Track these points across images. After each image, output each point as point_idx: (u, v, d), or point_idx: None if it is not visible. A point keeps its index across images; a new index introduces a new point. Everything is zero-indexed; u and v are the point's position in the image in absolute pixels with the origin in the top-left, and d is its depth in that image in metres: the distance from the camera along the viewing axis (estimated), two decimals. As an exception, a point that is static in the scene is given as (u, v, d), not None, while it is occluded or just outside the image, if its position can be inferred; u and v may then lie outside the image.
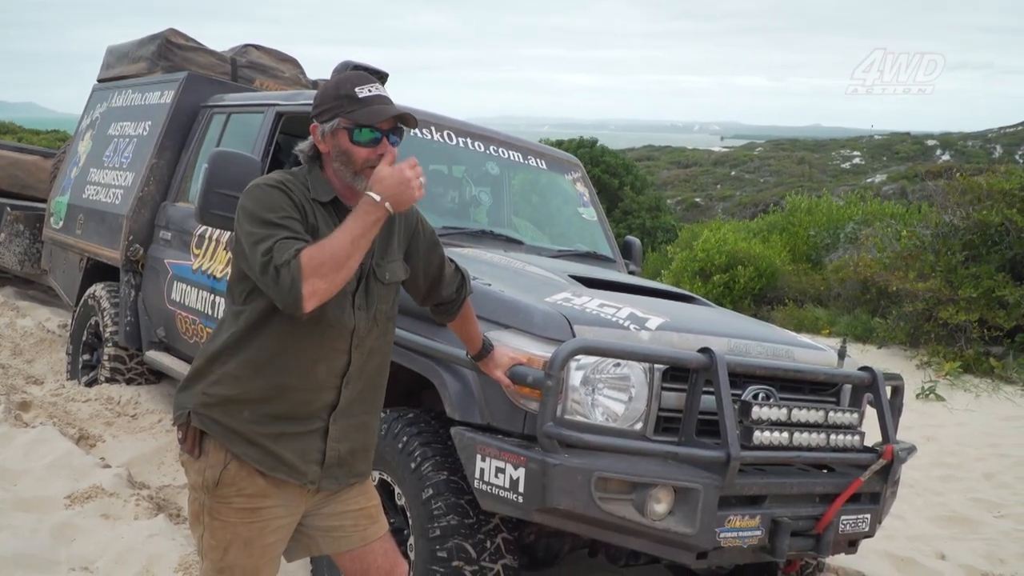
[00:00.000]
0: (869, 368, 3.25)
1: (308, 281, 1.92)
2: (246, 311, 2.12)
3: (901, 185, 28.17)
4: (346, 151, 2.15)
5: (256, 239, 1.99)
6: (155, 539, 3.64)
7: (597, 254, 4.94)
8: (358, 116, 2.13)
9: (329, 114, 2.15)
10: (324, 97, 2.18)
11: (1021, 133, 52.11)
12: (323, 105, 2.17)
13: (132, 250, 5.52)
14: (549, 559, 3.41)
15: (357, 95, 2.14)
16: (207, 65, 6.03)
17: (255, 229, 2.00)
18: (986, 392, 8.55)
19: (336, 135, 2.15)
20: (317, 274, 1.93)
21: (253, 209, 2.04)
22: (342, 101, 2.14)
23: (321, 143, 2.18)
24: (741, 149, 61.57)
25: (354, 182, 2.16)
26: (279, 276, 1.92)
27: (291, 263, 1.92)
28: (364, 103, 2.14)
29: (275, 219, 2.02)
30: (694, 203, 38.49)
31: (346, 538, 2.34)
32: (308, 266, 1.92)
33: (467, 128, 4.77)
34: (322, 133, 2.17)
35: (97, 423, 5.23)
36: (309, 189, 2.15)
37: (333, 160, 2.17)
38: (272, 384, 2.11)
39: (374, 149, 2.15)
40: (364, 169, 2.15)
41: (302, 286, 1.91)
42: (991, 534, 5.13)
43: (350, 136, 2.14)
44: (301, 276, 1.91)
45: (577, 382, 2.76)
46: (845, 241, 13.13)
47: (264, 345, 2.11)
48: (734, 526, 2.78)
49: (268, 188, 2.09)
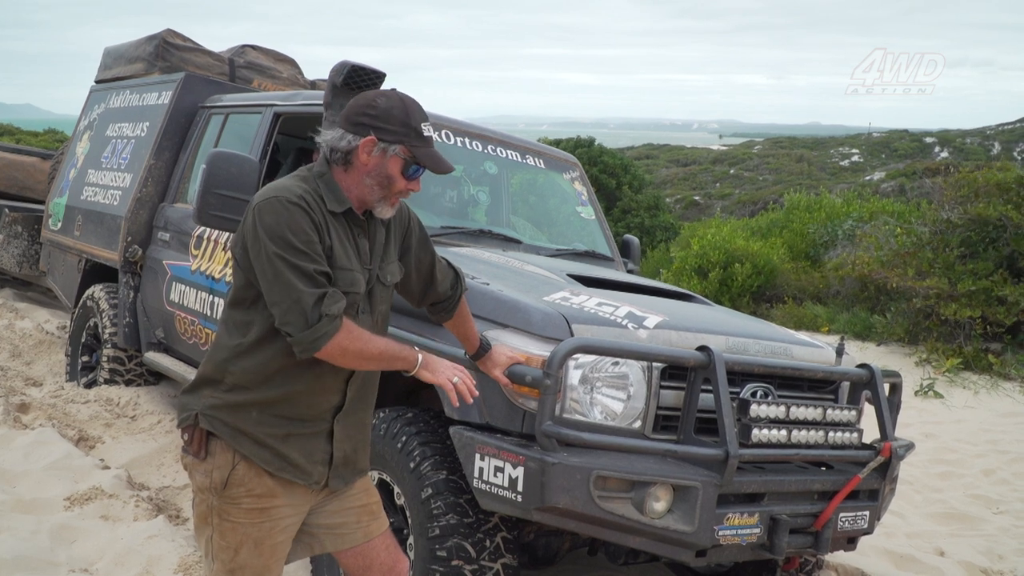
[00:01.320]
0: (867, 365, 3.26)
1: (334, 344, 2.04)
2: (256, 322, 2.12)
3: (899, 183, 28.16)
4: (391, 177, 2.17)
5: (292, 268, 2.01)
6: (155, 540, 3.64)
7: (595, 253, 4.94)
8: (422, 156, 2.18)
9: (393, 137, 2.14)
10: (391, 118, 2.15)
11: (1019, 130, 52.16)
12: (389, 125, 2.14)
13: (131, 251, 5.51)
14: (549, 558, 3.42)
15: (423, 132, 2.18)
16: (205, 66, 6.03)
17: (291, 258, 2.02)
18: (985, 389, 8.55)
19: (390, 159, 2.16)
20: (342, 346, 2.06)
21: (279, 230, 2.03)
22: (410, 132, 2.16)
23: (366, 155, 2.16)
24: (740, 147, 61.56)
25: (377, 204, 2.20)
26: (319, 322, 2.01)
27: (335, 320, 2.03)
28: (427, 143, 2.18)
29: (304, 242, 2.04)
30: (693, 201, 38.48)
31: (349, 535, 2.36)
32: (344, 333, 2.05)
33: (465, 127, 4.77)
34: (379, 150, 2.15)
35: (96, 424, 5.23)
36: (323, 200, 2.13)
37: (367, 175, 2.17)
38: (281, 391, 2.13)
39: (412, 184, 2.21)
40: (393, 196, 2.20)
41: (328, 344, 2.04)
42: (990, 530, 5.13)
43: (403, 167, 2.17)
44: (335, 337, 2.04)
45: (575, 381, 2.77)
46: (843, 238, 13.13)
47: (274, 355, 2.12)
48: (733, 524, 2.78)
49: (290, 206, 2.05)
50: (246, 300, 2.14)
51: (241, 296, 2.16)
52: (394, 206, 2.23)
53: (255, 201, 2.09)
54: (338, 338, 2.03)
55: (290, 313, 2.01)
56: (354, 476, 2.34)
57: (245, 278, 2.13)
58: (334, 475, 2.26)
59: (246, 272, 2.11)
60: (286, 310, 2.01)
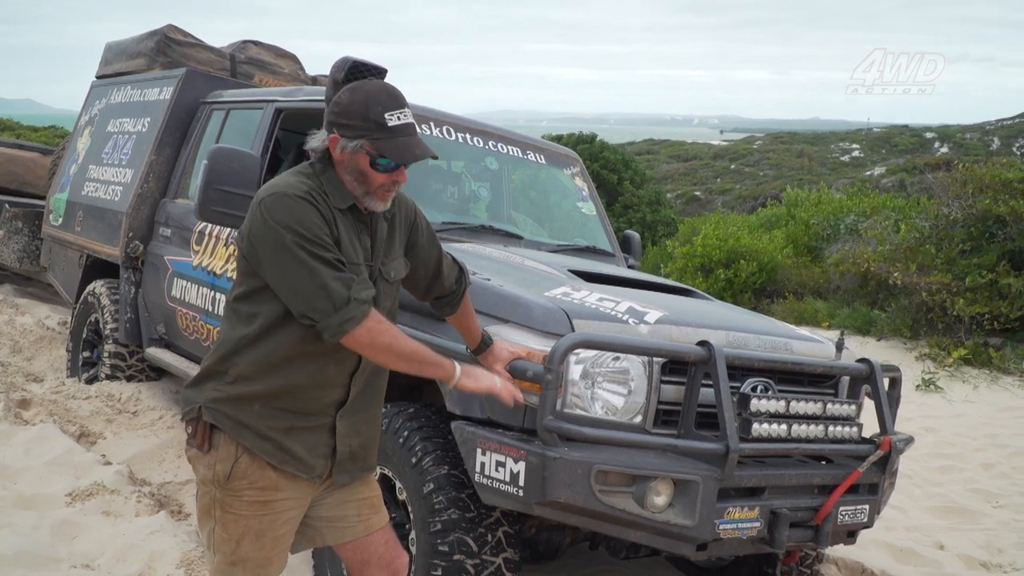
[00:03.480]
0: (867, 360, 3.26)
1: (363, 329, 2.03)
2: (261, 313, 2.12)
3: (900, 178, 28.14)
4: (364, 172, 2.12)
5: (313, 256, 2.00)
6: (156, 536, 3.65)
7: (596, 248, 4.94)
8: (385, 148, 2.10)
9: (353, 132, 2.10)
10: (351, 113, 2.10)
11: (1019, 125, 52.09)
12: (348, 120, 2.10)
13: (132, 247, 5.52)
14: (550, 552, 3.43)
15: (387, 123, 2.09)
16: (206, 61, 6.03)
17: (310, 247, 2.00)
18: (985, 383, 8.56)
19: (356, 155, 2.11)
20: (371, 334, 2.04)
21: (292, 223, 2.01)
22: (370, 125, 2.09)
23: (337, 153, 2.14)
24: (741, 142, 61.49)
25: (363, 199, 2.16)
26: (345, 306, 1.99)
27: (363, 305, 2.02)
28: (393, 133, 2.10)
29: (318, 236, 2.02)
30: (694, 197, 38.45)
31: (349, 528, 2.36)
32: (373, 321, 2.03)
33: (466, 123, 4.77)
34: (341, 148, 2.12)
35: (98, 420, 5.24)
36: (328, 195, 2.12)
37: (345, 172, 2.14)
38: (284, 383, 2.13)
39: (391, 175, 2.14)
40: (377, 191, 2.14)
41: (355, 328, 2.01)
42: (990, 524, 5.14)
43: (371, 162, 2.11)
44: (363, 321, 2.02)
45: (576, 376, 2.77)
46: (845, 233, 13.13)
47: (278, 347, 2.12)
48: (733, 518, 2.79)
49: (299, 201, 2.04)
50: (251, 293, 2.14)
51: (246, 289, 2.16)
52: (384, 199, 2.17)
53: (260, 197, 2.07)
54: (367, 324, 2.02)
55: (316, 298, 1.99)
56: (361, 472, 2.34)
57: (250, 272, 2.13)
58: (339, 470, 2.27)
59: (253, 267, 2.10)
60: (311, 296, 1.99)
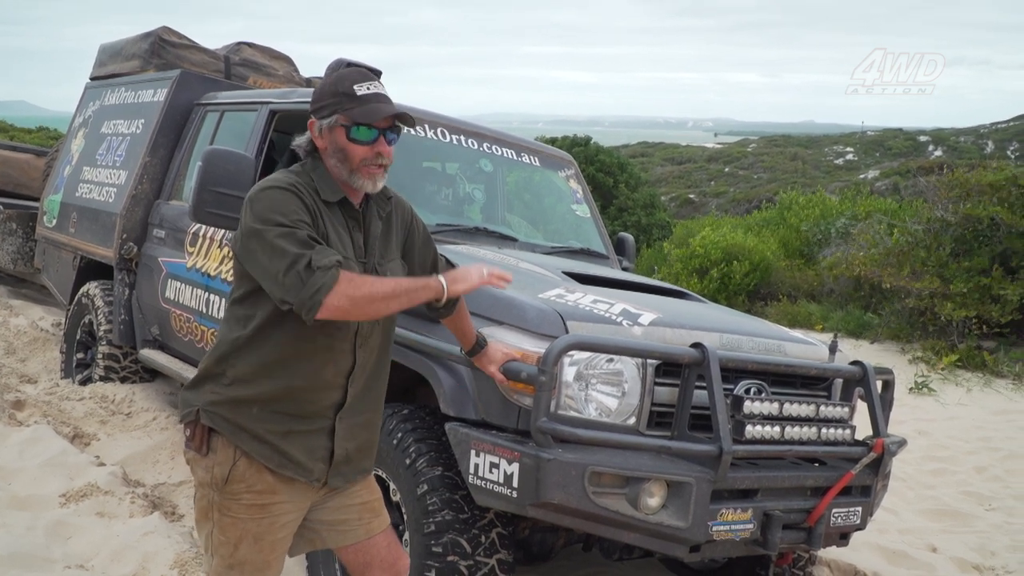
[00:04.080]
0: (860, 362, 3.27)
1: (336, 294, 1.95)
2: (256, 315, 2.13)
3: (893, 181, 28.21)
4: (343, 148, 2.16)
5: (282, 236, 1.98)
6: (150, 537, 3.64)
7: (590, 251, 4.95)
8: (356, 114, 2.14)
9: (327, 110, 2.16)
10: (322, 93, 2.18)
11: (1013, 128, 52.28)
12: (321, 101, 2.18)
13: (126, 248, 5.51)
14: (544, 553, 3.43)
15: (356, 92, 2.15)
16: (200, 63, 6.02)
17: (277, 228, 2.00)
18: (978, 386, 8.59)
19: (333, 132, 2.16)
20: (346, 294, 1.96)
21: (266, 212, 2.03)
22: (340, 98, 2.15)
23: (319, 139, 2.19)
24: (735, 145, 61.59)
25: (350, 179, 2.18)
26: (311, 277, 1.94)
27: (330, 271, 1.95)
28: (362, 101, 2.15)
29: (295, 221, 2.02)
30: (688, 199, 38.48)
31: (351, 531, 2.37)
32: (344, 282, 1.96)
33: (460, 125, 4.78)
34: (319, 129, 2.18)
35: (91, 421, 5.23)
36: (317, 190, 2.15)
37: (330, 156, 2.18)
38: (281, 385, 2.14)
39: (371, 147, 2.16)
40: (361, 167, 2.16)
41: (328, 296, 1.94)
42: (982, 527, 5.16)
43: (347, 134, 2.15)
44: (333, 287, 1.94)
45: (570, 378, 2.78)
46: (837, 237, 13.16)
47: (274, 348, 2.12)
48: (726, 519, 2.80)
49: (281, 191, 2.08)
50: (247, 295, 2.15)
51: (242, 292, 2.17)
52: (370, 177, 2.18)
53: (249, 195, 2.11)
54: (339, 288, 1.95)
55: (286, 280, 1.96)
56: (356, 475, 2.34)
57: (244, 273, 2.14)
58: (334, 473, 2.27)
59: (248, 264, 2.10)
60: (281, 280, 1.97)
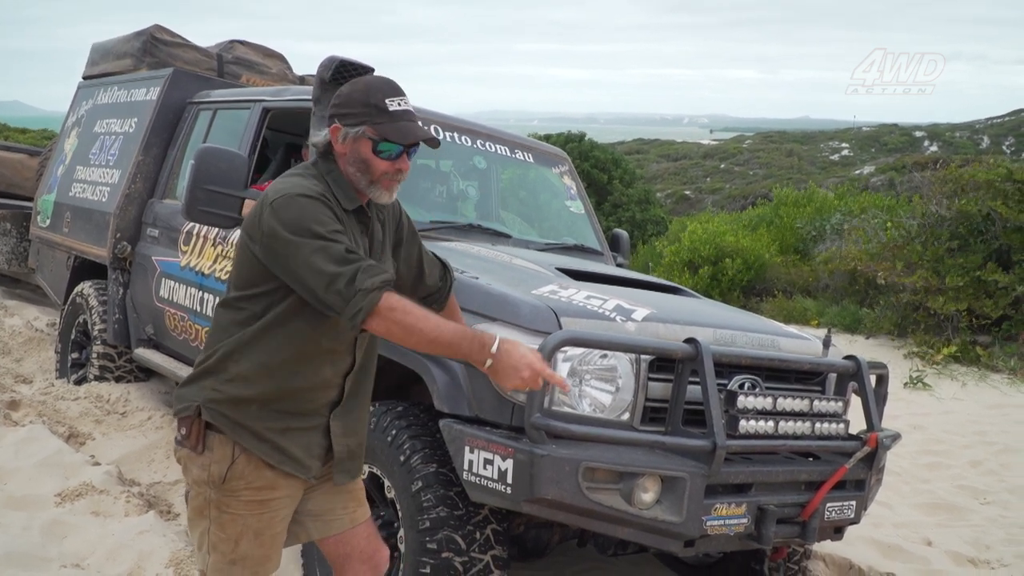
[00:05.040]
0: (853, 357, 3.28)
1: (376, 318, 1.96)
2: (258, 314, 2.12)
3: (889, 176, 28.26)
4: (366, 160, 2.13)
5: (318, 252, 1.96)
6: (145, 535, 3.64)
7: (585, 247, 4.95)
8: (387, 131, 2.11)
9: (355, 120, 2.12)
10: (351, 100, 2.13)
11: (1009, 123, 52.36)
12: (350, 109, 2.13)
13: (120, 248, 5.50)
14: (538, 549, 3.44)
15: (388, 107, 2.11)
16: (193, 61, 6.01)
17: (313, 242, 1.97)
18: (973, 381, 8.61)
19: (359, 142, 2.13)
20: (388, 318, 1.96)
21: (299, 221, 1.99)
22: (371, 110, 2.11)
23: (339, 144, 2.15)
24: (730, 142, 61.63)
25: (368, 189, 2.16)
26: (353, 297, 1.93)
27: (370, 294, 1.94)
28: (394, 117, 2.12)
29: (331, 232, 1.99)
30: (684, 196, 38.50)
31: (336, 521, 2.37)
32: (386, 306, 1.95)
33: (454, 122, 4.77)
34: (343, 136, 2.13)
35: (87, 421, 5.23)
36: (338, 199, 2.13)
37: (349, 164, 2.15)
38: (283, 385, 2.13)
39: (394, 163, 2.14)
40: (381, 179, 2.14)
41: (368, 318, 1.95)
42: (977, 521, 5.17)
43: (374, 147, 2.12)
44: (375, 310, 1.94)
45: (564, 373, 2.77)
46: (831, 232, 13.18)
47: (277, 349, 2.12)
48: (720, 514, 2.81)
49: (310, 201, 2.03)
50: (248, 293, 2.14)
51: (243, 289, 2.15)
52: (389, 189, 2.17)
53: (270, 199, 2.05)
54: (380, 312, 1.94)
55: (327, 297, 1.96)
56: (358, 471, 2.37)
57: (248, 271, 2.12)
58: (339, 469, 2.28)
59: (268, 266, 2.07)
60: (322, 297, 1.97)
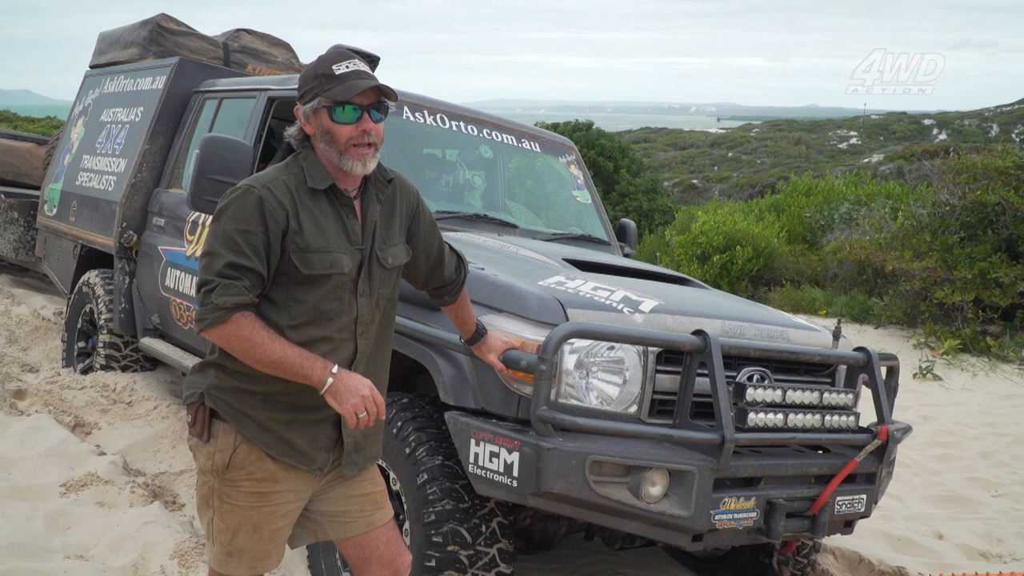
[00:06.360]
0: (864, 348, 3.24)
1: (220, 334, 2.02)
2: (262, 306, 2.11)
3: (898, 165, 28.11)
4: (328, 130, 2.14)
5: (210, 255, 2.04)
6: (150, 526, 3.64)
7: (592, 237, 4.92)
8: (335, 93, 2.12)
9: (310, 94, 2.15)
10: (304, 78, 2.18)
11: (1018, 111, 52.03)
12: (304, 87, 2.17)
13: (126, 237, 5.49)
14: (545, 543, 3.41)
15: (335, 72, 2.13)
16: (199, 50, 5.98)
17: (216, 244, 2.04)
18: (983, 371, 8.55)
19: (318, 115, 2.15)
20: (231, 338, 2.01)
21: (223, 216, 2.06)
22: (320, 80, 2.14)
23: (306, 125, 2.18)
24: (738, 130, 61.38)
25: (340, 162, 2.15)
26: (207, 311, 2.00)
27: (219, 312, 2.00)
28: (341, 80, 2.13)
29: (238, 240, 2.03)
30: (691, 185, 38.37)
31: (352, 523, 2.35)
32: (233, 329, 2.01)
33: (460, 111, 4.74)
34: (305, 115, 2.17)
35: (92, 411, 5.22)
36: (306, 179, 2.14)
37: (319, 141, 2.16)
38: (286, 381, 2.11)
39: (356, 126, 2.14)
40: (349, 148, 2.14)
41: (212, 332, 2.02)
42: (989, 513, 5.14)
43: (330, 115, 2.13)
44: (219, 328, 2.01)
45: (571, 366, 2.75)
46: (840, 222, 13.10)
47: None
48: (729, 508, 2.78)
49: (247, 195, 2.07)
50: None
51: None
52: (359, 158, 2.15)
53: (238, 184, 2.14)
54: (224, 329, 2.01)
55: (197, 294, 2.05)
56: (366, 462, 2.34)
57: None
58: (347, 462, 2.27)
59: None
60: (196, 291, 2.06)
